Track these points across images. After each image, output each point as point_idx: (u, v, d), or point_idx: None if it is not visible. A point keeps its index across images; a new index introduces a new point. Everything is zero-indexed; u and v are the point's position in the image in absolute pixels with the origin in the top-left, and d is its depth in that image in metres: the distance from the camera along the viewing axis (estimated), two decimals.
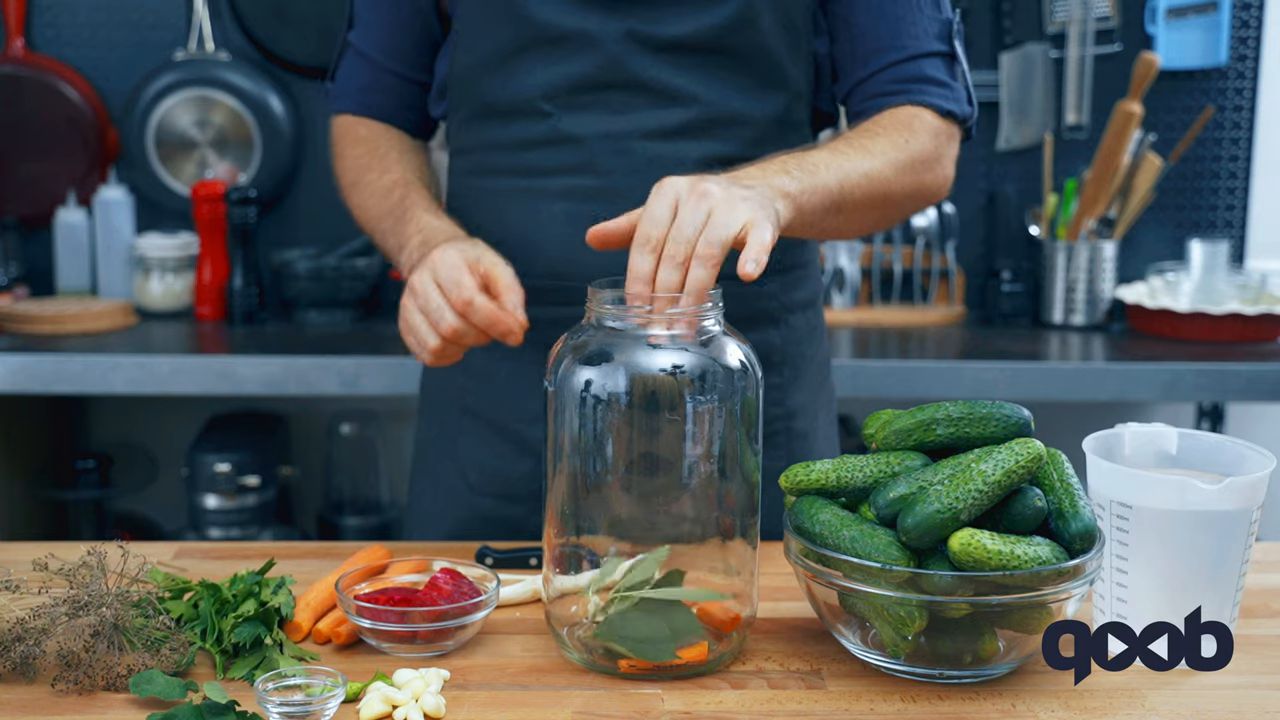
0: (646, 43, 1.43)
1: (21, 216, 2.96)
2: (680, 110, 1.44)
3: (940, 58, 1.50)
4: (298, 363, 2.53)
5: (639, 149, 1.44)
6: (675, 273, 1.13)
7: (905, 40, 1.49)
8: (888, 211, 1.45)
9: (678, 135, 1.44)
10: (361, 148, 1.59)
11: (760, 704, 1.09)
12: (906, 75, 1.49)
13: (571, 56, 1.43)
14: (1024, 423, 1.16)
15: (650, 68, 1.43)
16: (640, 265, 1.14)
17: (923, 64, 1.50)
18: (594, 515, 1.15)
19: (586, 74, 1.44)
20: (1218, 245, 2.86)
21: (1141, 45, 3.01)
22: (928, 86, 1.49)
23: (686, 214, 1.15)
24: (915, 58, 1.49)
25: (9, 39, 2.95)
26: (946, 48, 1.50)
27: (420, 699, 1.07)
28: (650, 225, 1.15)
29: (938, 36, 1.50)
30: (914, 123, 1.46)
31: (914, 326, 2.96)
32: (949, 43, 1.50)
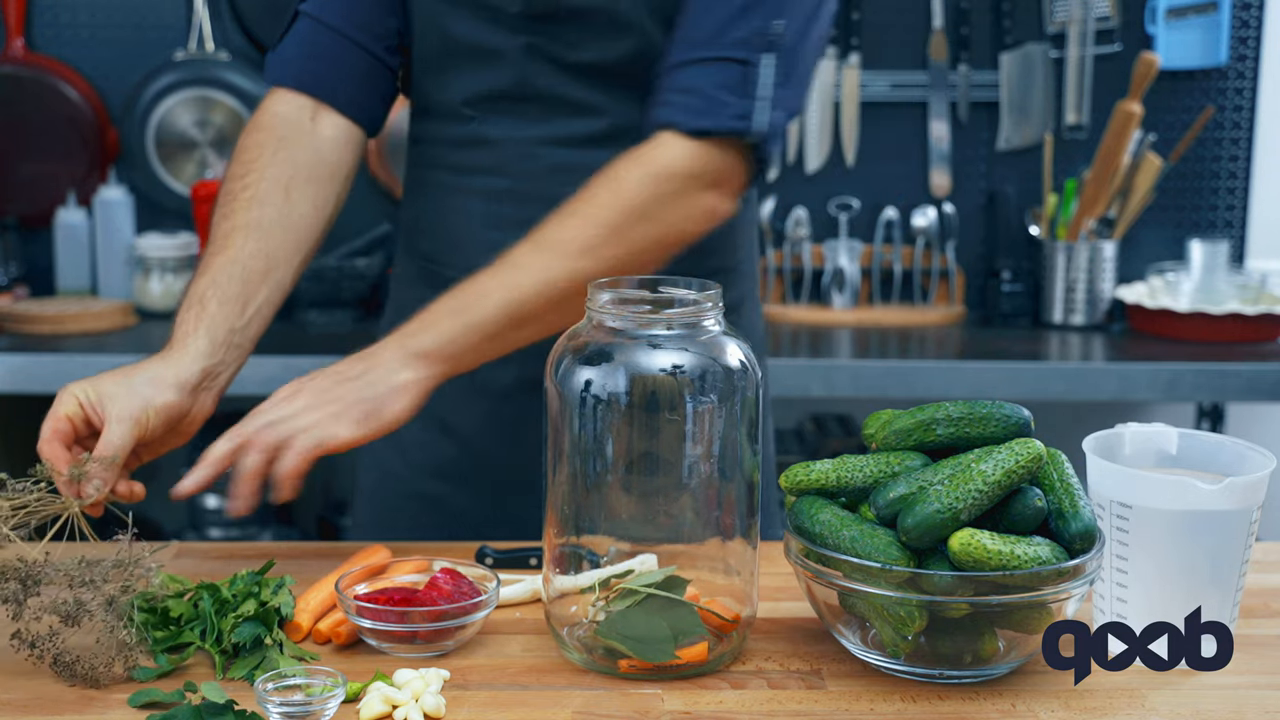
0: (553, 62, 1.45)
1: (21, 216, 2.96)
2: (589, 121, 1.47)
3: (725, 65, 1.36)
4: (297, 363, 2.53)
5: (546, 155, 1.48)
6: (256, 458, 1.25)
7: (690, 42, 1.37)
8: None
9: (586, 144, 1.47)
10: (252, 152, 1.48)
11: (760, 704, 1.09)
12: (671, 85, 1.38)
13: (486, 69, 1.47)
14: (1024, 423, 1.16)
15: (557, 84, 1.46)
16: (216, 446, 1.27)
17: (693, 72, 1.36)
18: (594, 515, 1.15)
19: (499, 86, 1.47)
20: (1218, 245, 2.86)
21: (1141, 45, 3.01)
22: (681, 99, 1.36)
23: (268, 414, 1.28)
24: (687, 64, 1.37)
25: (9, 39, 2.95)
26: (740, 54, 1.36)
27: (420, 699, 1.06)
28: (247, 418, 1.29)
29: (736, 42, 1.35)
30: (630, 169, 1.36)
31: (914, 326, 2.96)
32: (751, 51, 1.36)
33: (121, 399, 1.29)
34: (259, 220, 1.43)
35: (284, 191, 1.45)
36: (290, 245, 1.44)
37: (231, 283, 1.39)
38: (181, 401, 1.33)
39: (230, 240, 1.42)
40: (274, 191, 1.44)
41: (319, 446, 1.25)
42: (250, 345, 1.42)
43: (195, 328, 1.37)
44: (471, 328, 1.32)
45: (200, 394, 1.36)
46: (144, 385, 1.32)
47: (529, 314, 1.33)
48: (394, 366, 1.31)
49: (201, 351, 1.36)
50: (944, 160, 3.08)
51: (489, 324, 1.32)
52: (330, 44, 1.50)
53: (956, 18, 3.06)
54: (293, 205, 1.45)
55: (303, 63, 1.51)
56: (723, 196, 1.39)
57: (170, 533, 2.99)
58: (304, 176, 1.46)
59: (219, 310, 1.38)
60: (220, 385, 1.38)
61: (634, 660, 1.12)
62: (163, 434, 1.33)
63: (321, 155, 1.48)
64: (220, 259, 1.41)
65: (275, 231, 1.43)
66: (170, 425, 1.33)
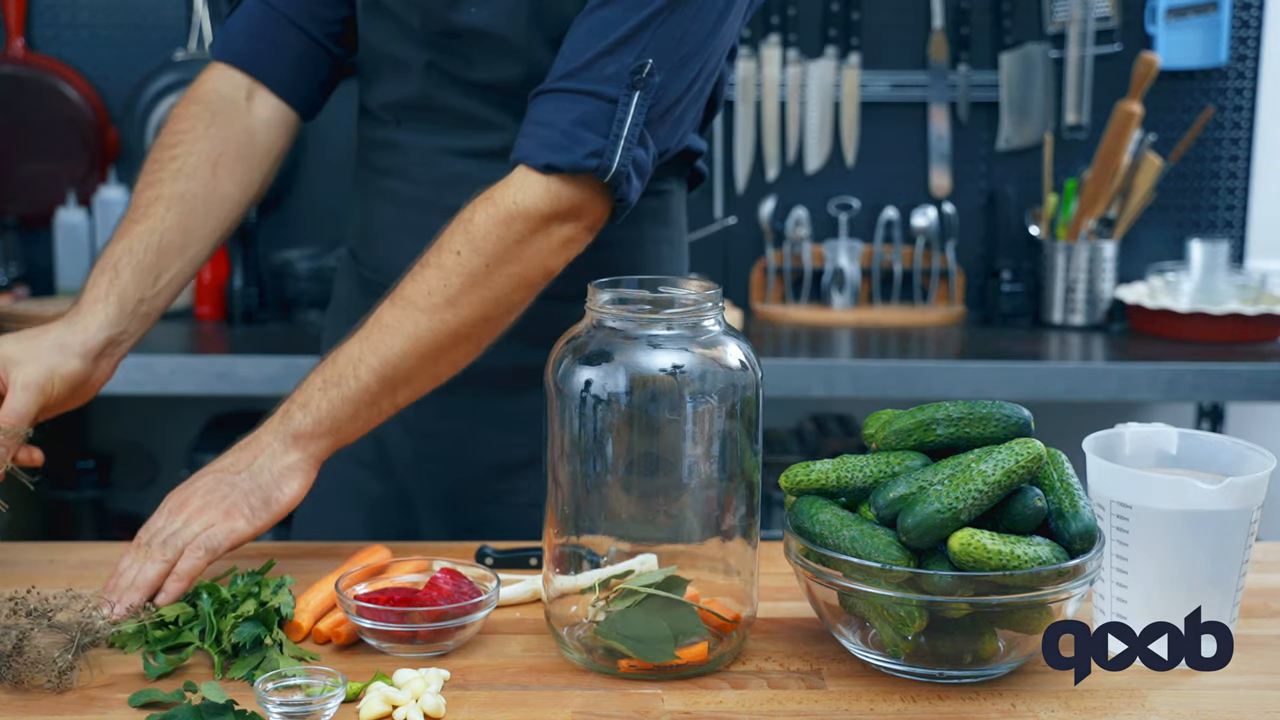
0: (451, 77, 1.46)
1: (21, 216, 2.96)
2: (489, 135, 1.47)
3: (586, 99, 1.32)
4: (298, 363, 2.53)
5: (448, 164, 1.49)
6: (154, 567, 1.23)
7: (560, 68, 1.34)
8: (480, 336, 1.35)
9: (487, 156, 1.47)
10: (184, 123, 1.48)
11: (760, 704, 1.09)
12: (530, 116, 1.35)
13: (397, 79, 1.49)
14: (1024, 423, 1.16)
15: (456, 99, 1.47)
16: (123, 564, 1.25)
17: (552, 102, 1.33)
18: (594, 515, 1.15)
19: (407, 96, 1.49)
20: (1218, 245, 2.86)
21: (1141, 45, 3.01)
22: (537, 131, 1.33)
23: (166, 524, 1.27)
24: (548, 93, 1.34)
25: (9, 39, 2.95)
26: (608, 90, 1.31)
27: (420, 699, 1.06)
28: (141, 532, 1.27)
29: (605, 78, 1.32)
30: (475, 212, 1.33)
31: (914, 326, 2.96)
32: (619, 88, 1.32)
33: (27, 365, 1.31)
34: (183, 194, 1.44)
35: (211, 168, 1.46)
36: (211, 223, 1.46)
37: (147, 253, 1.41)
38: (85, 368, 1.35)
39: (152, 210, 1.43)
40: (201, 167, 1.45)
41: (218, 547, 1.25)
42: (157, 315, 1.44)
43: (106, 294, 1.38)
44: (347, 400, 1.31)
45: (101, 361, 1.37)
46: (50, 352, 1.33)
47: (403, 375, 1.32)
48: (276, 451, 1.31)
49: (110, 319, 1.37)
50: (944, 160, 3.08)
51: (364, 394, 1.31)
52: (273, 25, 1.51)
53: (956, 18, 3.06)
54: (218, 182, 1.46)
55: (244, 40, 1.51)
56: (578, 229, 1.35)
57: None
58: (233, 154, 1.48)
59: (131, 279, 1.39)
60: (121, 353, 1.40)
61: (634, 660, 1.12)
62: (64, 399, 1.35)
63: (253, 135, 1.50)
64: (139, 227, 1.42)
65: (198, 207, 1.44)
66: (72, 391, 1.35)
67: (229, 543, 1.25)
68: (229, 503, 1.28)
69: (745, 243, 3.08)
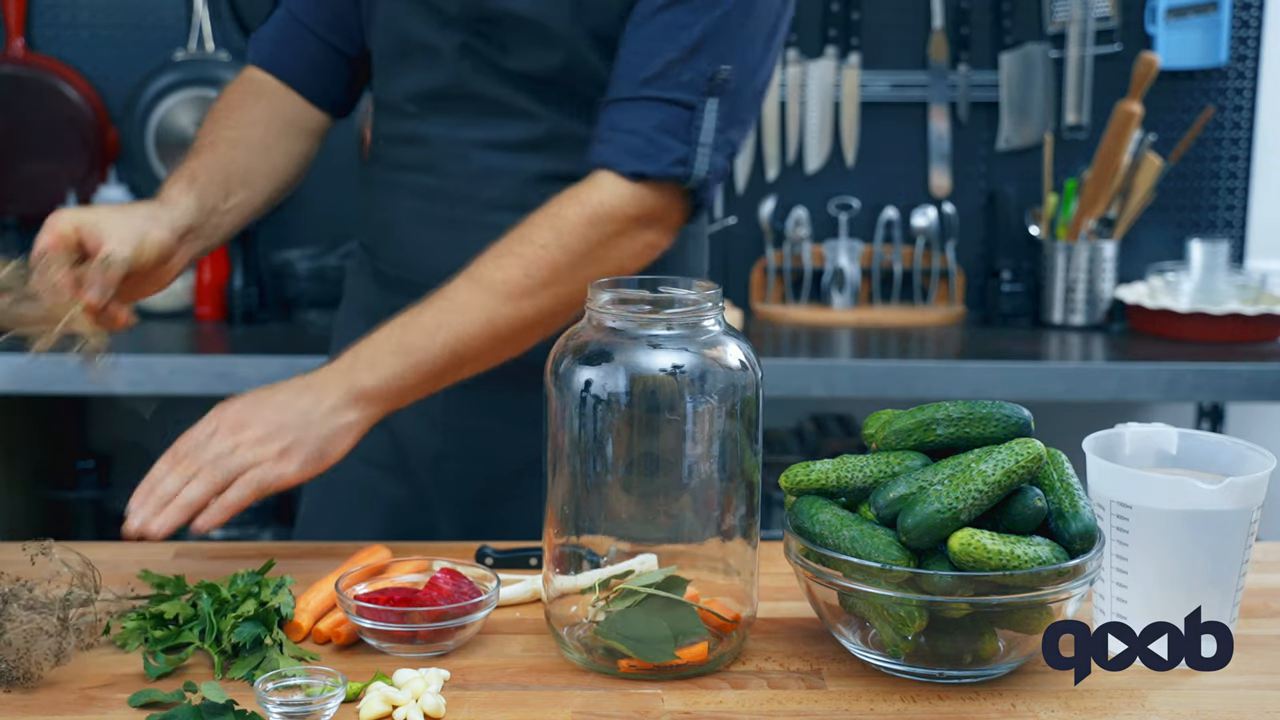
0: (487, 65, 1.46)
1: (21, 216, 2.96)
2: (524, 125, 1.47)
3: (668, 107, 1.35)
4: (298, 363, 2.53)
5: (478, 157, 1.49)
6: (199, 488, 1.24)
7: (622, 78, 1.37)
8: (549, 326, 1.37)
9: (517, 149, 1.48)
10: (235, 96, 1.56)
11: (760, 704, 1.09)
12: (610, 122, 1.38)
13: (428, 67, 1.49)
14: (1024, 423, 1.16)
15: (491, 87, 1.47)
16: (155, 470, 1.27)
17: (633, 110, 1.35)
18: (594, 515, 1.15)
19: (437, 85, 1.49)
20: (1218, 245, 2.86)
21: (1141, 45, 3.01)
22: (621, 138, 1.35)
23: (215, 443, 1.27)
24: (628, 100, 1.36)
25: (9, 39, 2.95)
26: (686, 97, 1.34)
27: (420, 699, 1.06)
28: (183, 441, 1.28)
29: (681, 84, 1.34)
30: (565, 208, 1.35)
31: (914, 326, 2.96)
32: (697, 94, 1.34)
33: (120, 226, 1.31)
34: (243, 139, 1.50)
35: (264, 128, 1.52)
36: (268, 169, 1.50)
37: (218, 172, 1.44)
38: (172, 243, 1.36)
39: (217, 147, 1.47)
40: (256, 125, 1.52)
41: (266, 488, 1.25)
42: (219, 239, 1.45)
43: (186, 191, 1.41)
44: (415, 369, 1.33)
45: (182, 245, 1.38)
46: (143, 219, 1.34)
47: (471, 355, 1.35)
48: (338, 405, 1.31)
49: (191, 210, 1.40)
50: (944, 160, 3.08)
51: (433, 366, 1.33)
52: (299, 36, 1.57)
53: (956, 18, 3.05)
54: (271, 145, 1.52)
55: (274, 48, 1.58)
56: (661, 233, 1.39)
57: None
58: (280, 127, 1.54)
59: (206, 187, 1.42)
60: (196, 250, 1.41)
61: (634, 660, 1.12)
62: (149, 270, 1.34)
63: (298, 119, 1.56)
64: (207, 155, 1.46)
65: (258, 150, 1.50)
66: (161, 262, 1.35)
67: (276, 486, 1.26)
68: (287, 443, 1.27)
69: (745, 243, 3.08)
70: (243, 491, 1.24)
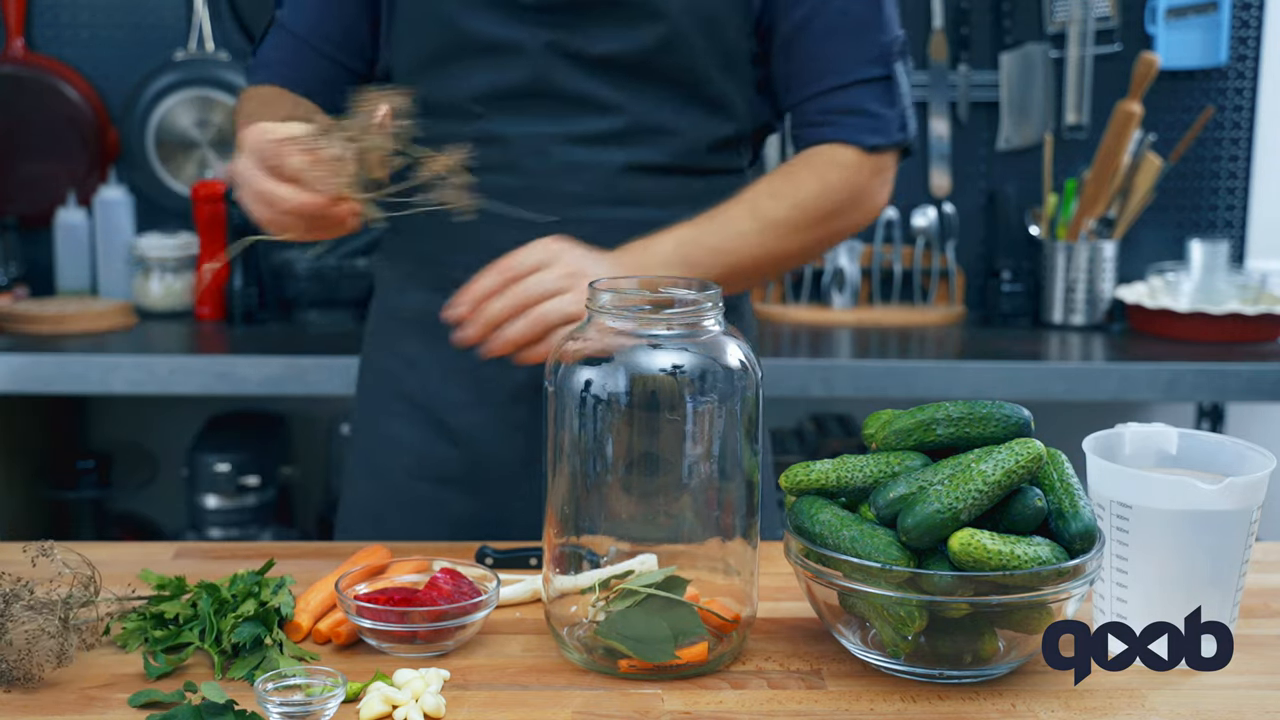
0: (573, 57, 1.45)
1: (21, 216, 2.96)
2: (606, 119, 1.47)
3: (875, 83, 1.50)
4: (298, 363, 2.53)
5: (560, 153, 1.48)
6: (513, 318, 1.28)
7: (838, 66, 1.49)
8: (782, 269, 1.50)
9: (601, 142, 1.47)
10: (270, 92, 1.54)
11: (760, 704, 1.09)
12: (832, 107, 1.50)
13: (500, 65, 1.47)
14: (1024, 423, 1.16)
15: (576, 80, 1.46)
16: (483, 281, 1.30)
17: (852, 94, 1.50)
18: (594, 515, 1.15)
19: (514, 83, 1.47)
20: (1218, 245, 2.86)
21: (1141, 45, 3.01)
22: (851, 119, 1.49)
23: (549, 280, 1.30)
24: (844, 87, 1.49)
25: (9, 39, 2.95)
26: (882, 72, 1.50)
27: (420, 699, 1.06)
28: (514, 261, 1.31)
29: (874, 60, 1.49)
30: (828, 171, 1.49)
31: (914, 326, 2.96)
32: (888, 66, 1.50)
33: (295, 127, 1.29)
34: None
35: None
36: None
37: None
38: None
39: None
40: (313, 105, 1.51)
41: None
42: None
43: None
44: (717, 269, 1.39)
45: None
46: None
47: (737, 279, 1.44)
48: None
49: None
50: (944, 160, 3.08)
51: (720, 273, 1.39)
52: (305, 54, 1.55)
53: (956, 18, 3.06)
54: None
55: (282, 68, 1.57)
56: (888, 189, 1.55)
57: (170, 533, 2.99)
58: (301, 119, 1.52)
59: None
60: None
61: (634, 660, 1.12)
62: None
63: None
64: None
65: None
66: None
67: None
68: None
69: None
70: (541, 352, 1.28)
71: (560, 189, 1.47)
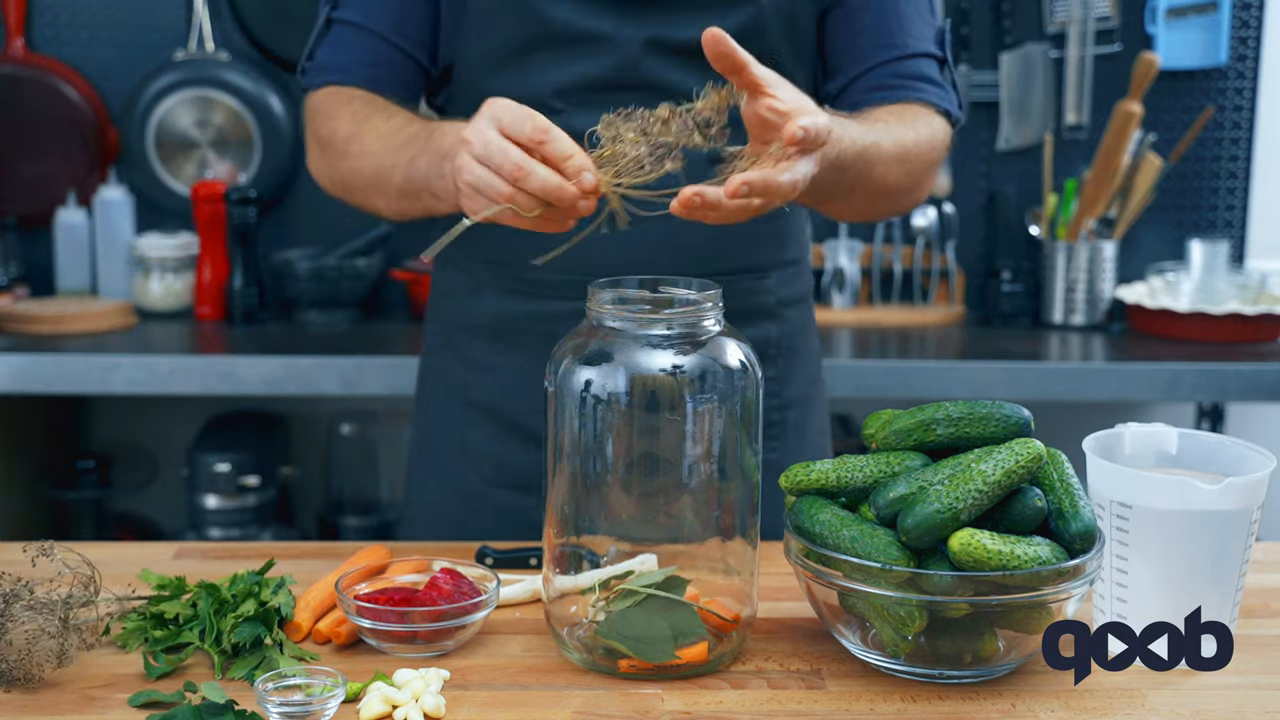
0: (662, 46, 1.43)
1: (21, 216, 2.96)
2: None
3: (935, 61, 1.54)
4: (298, 363, 2.53)
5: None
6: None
7: (906, 38, 1.52)
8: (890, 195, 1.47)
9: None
10: (357, 104, 1.46)
11: (760, 704, 1.09)
12: (907, 72, 1.52)
13: (586, 57, 1.44)
14: (1024, 423, 1.16)
15: (664, 70, 1.44)
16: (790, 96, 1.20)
17: (920, 63, 1.53)
18: (594, 515, 1.15)
19: (600, 75, 1.44)
20: (1218, 245, 2.86)
21: (1141, 45, 3.01)
22: (926, 85, 1.52)
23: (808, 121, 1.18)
24: (914, 56, 1.52)
25: (9, 39, 2.95)
26: (941, 52, 1.54)
27: (420, 699, 1.07)
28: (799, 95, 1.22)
29: (933, 40, 1.54)
30: (931, 118, 1.50)
31: (914, 326, 2.96)
32: (943, 48, 1.54)
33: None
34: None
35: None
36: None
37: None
38: None
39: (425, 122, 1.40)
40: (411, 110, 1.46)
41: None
42: None
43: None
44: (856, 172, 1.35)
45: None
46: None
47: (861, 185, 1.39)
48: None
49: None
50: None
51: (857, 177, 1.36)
52: (380, 49, 1.49)
53: (956, 18, 3.05)
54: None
55: (359, 69, 1.49)
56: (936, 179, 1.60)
57: (170, 533, 2.99)
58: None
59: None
60: None
61: (634, 660, 1.12)
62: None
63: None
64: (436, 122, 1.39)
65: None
66: None
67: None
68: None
69: None
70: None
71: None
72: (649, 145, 1.14)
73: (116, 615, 1.21)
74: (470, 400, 1.56)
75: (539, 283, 1.47)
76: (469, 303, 1.56)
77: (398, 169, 1.36)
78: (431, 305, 1.64)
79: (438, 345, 1.61)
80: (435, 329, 1.63)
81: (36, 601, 1.12)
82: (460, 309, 1.57)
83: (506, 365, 1.53)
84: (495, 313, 1.53)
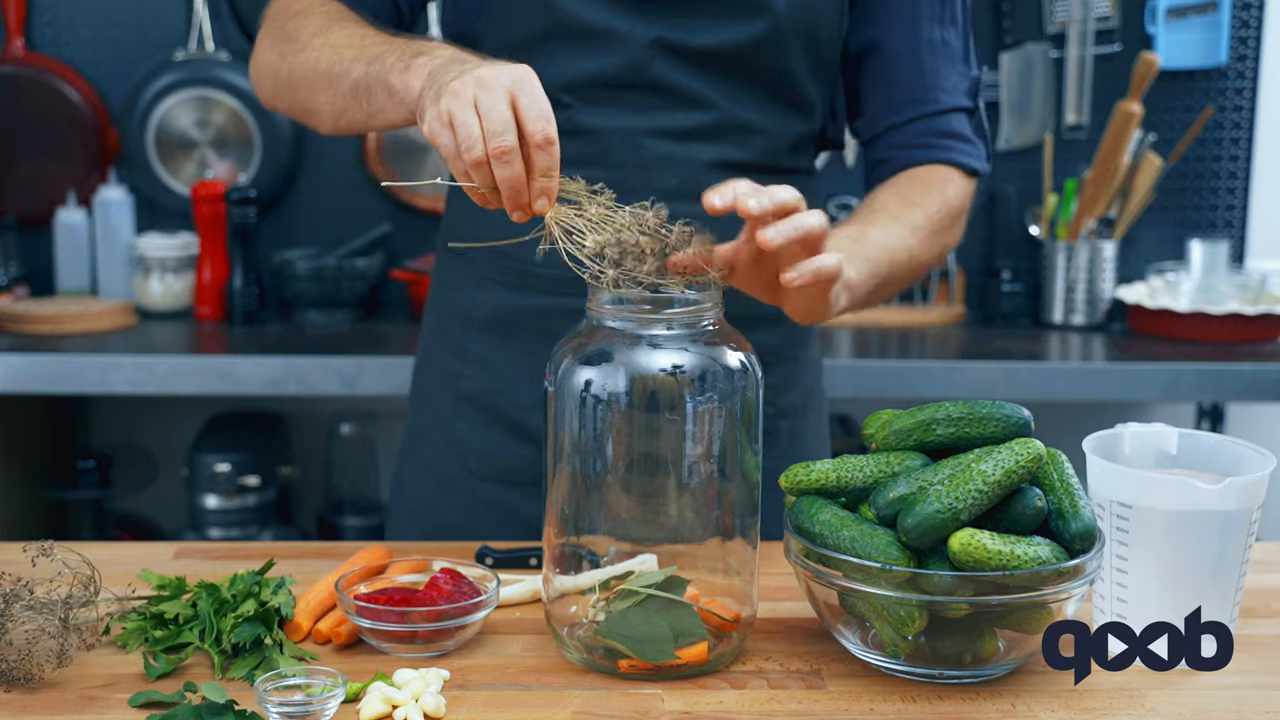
0: (673, 49, 1.43)
1: (21, 216, 2.96)
2: (697, 114, 1.45)
3: (966, 114, 1.53)
4: (298, 363, 2.53)
5: (650, 146, 1.45)
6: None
7: (939, 94, 1.51)
8: (916, 277, 1.48)
9: (690, 137, 1.45)
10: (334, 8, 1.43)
11: (760, 704, 1.09)
12: (937, 129, 1.51)
13: (596, 53, 1.43)
14: (1024, 423, 1.16)
15: (673, 72, 1.44)
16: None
17: (951, 119, 1.52)
18: (594, 515, 1.15)
19: (609, 72, 1.44)
20: (1218, 245, 2.86)
21: (1141, 45, 3.01)
22: (956, 143, 1.52)
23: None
24: (945, 112, 1.52)
25: (9, 39, 2.95)
26: (972, 104, 1.53)
27: (420, 699, 1.07)
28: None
29: (966, 93, 1.53)
30: (946, 186, 1.49)
31: (914, 326, 2.96)
32: (975, 99, 1.54)
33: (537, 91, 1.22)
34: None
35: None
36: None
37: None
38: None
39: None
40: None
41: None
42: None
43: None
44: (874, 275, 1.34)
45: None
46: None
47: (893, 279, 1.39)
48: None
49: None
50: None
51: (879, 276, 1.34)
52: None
53: None
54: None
55: None
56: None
57: (170, 533, 2.99)
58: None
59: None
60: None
61: (634, 660, 1.12)
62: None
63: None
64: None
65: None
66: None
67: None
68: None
69: None
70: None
71: (650, 183, 1.43)
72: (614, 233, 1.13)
73: (116, 615, 1.21)
74: (460, 392, 1.56)
75: (539, 277, 1.47)
76: (468, 294, 1.56)
77: (359, 63, 1.32)
78: (430, 299, 1.65)
79: (433, 338, 1.62)
80: (432, 322, 1.63)
81: (36, 601, 1.12)
82: (458, 301, 1.57)
83: (499, 358, 1.53)
84: (493, 305, 1.53)
